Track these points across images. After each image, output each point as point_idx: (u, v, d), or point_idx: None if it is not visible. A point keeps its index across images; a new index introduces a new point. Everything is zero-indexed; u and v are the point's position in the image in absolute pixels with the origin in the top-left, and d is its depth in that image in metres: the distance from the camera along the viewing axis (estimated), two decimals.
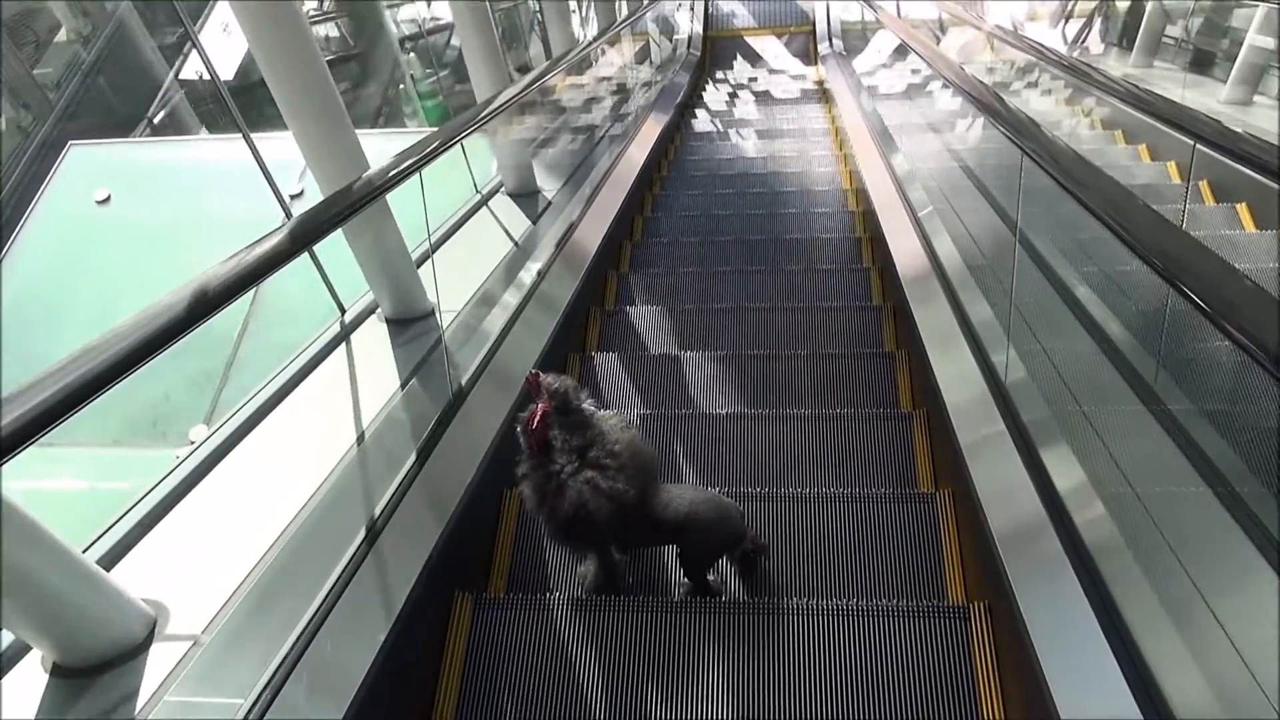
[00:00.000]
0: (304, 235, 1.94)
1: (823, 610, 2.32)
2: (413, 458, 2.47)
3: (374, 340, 3.09)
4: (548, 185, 4.70)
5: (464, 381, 2.93)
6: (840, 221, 5.40)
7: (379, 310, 3.19)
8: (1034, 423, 2.25)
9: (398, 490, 2.32)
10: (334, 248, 2.82)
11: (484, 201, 4.28)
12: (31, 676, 1.69)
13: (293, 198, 7.17)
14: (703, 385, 3.50)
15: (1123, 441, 1.90)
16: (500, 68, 3.96)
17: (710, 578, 2.52)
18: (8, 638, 1.73)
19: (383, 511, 2.23)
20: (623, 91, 7.19)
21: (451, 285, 3.36)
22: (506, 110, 3.40)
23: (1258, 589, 1.50)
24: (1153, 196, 4.58)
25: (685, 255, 5.03)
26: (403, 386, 2.79)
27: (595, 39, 5.43)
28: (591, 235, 4.49)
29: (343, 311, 3.26)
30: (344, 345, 3.02)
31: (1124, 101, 3.33)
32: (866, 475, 2.98)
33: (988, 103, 2.89)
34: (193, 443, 2.53)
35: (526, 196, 4.53)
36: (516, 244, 3.95)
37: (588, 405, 2.34)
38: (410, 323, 3.11)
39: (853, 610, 2.31)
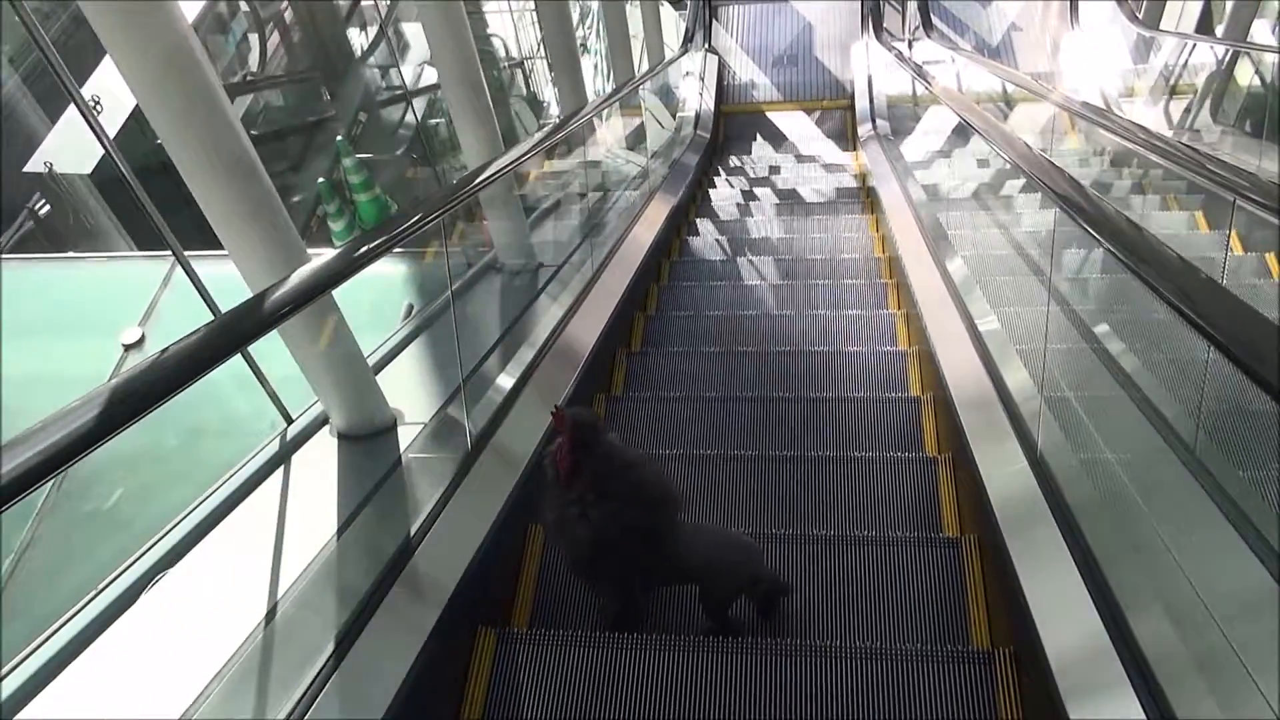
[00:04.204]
0: None
1: (847, 652, 2.50)
2: None
3: None
4: (415, 411, 2.99)
5: None
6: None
7: None
8: None
9: None
10: None
11: (282, 460, 2.64)
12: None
13: (128, 348, 5.78)
14: None
15: None
16: (281, 238, 2.37)
17: (731, 615, 2.77)
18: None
19: None
20: (592, 201, 5.74)
21: None
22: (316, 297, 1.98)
23: None
24: None
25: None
26: None
27: (529, 152, 3.95)
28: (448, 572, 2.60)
29: None
30: None
31: None
32: None
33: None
34: None
35: (368, 441, 2.83)
36: (269, 619, 2.12)
37: (613, 439, 2.58)
38: None
39: (877, 653, 2.50)
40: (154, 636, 2.08)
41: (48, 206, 8.11)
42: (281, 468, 2.75)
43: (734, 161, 10.35)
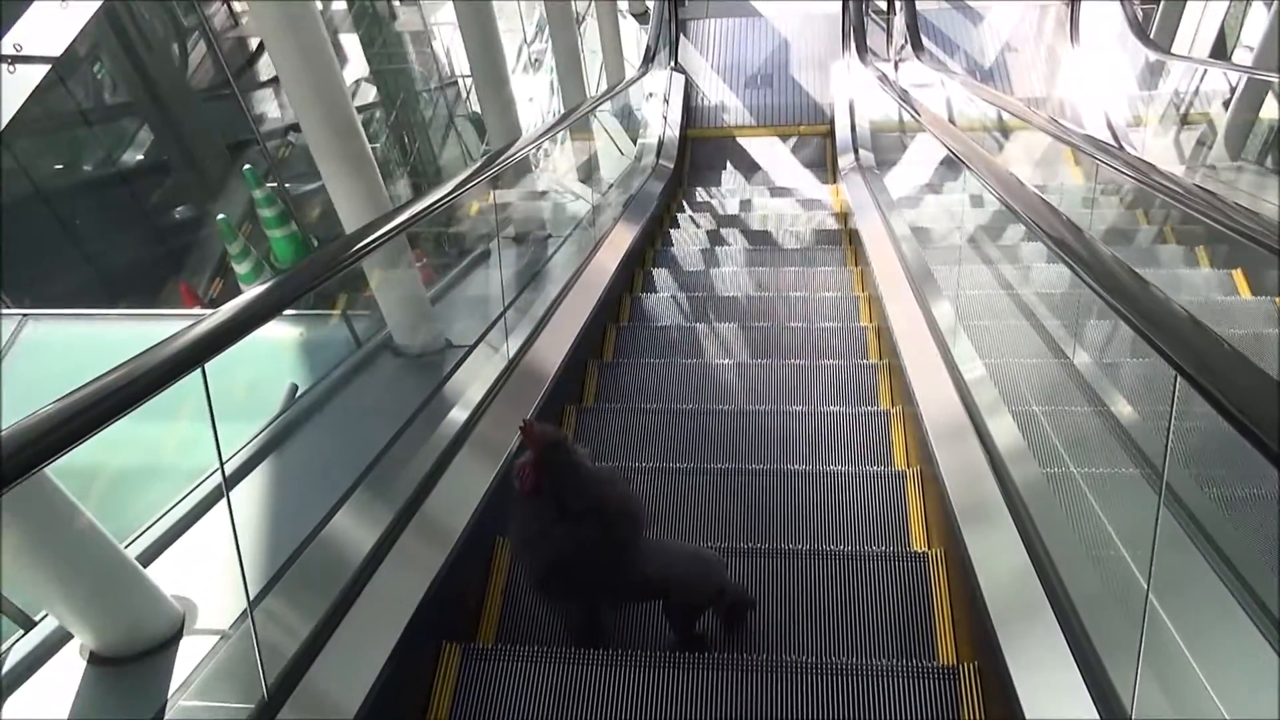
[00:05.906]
0: None
1: (814, 668, 2.54)
2: None
3: None
4: (213, 610, 2.11)
5: None
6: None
7: None
8: None
9: None
10: None
11: None
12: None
13: None
14: None
15: None
16: None
17: (698, 630, 2.83)
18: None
19: None
20: (523, 255, 4.85)
21: None
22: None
23: None
24: None
25: None
26: None
27: (425, 210, 3.05)
28: None
29: None
30: None
31: None
32: None
33: None
34: None
35: (131, 665, 1.96)
36: None
37: (581, 455, 2.55)
38: None
39: (845, 668, 2.54)
40: None
41: None
42: None
43: (700, 195, 9.40)
